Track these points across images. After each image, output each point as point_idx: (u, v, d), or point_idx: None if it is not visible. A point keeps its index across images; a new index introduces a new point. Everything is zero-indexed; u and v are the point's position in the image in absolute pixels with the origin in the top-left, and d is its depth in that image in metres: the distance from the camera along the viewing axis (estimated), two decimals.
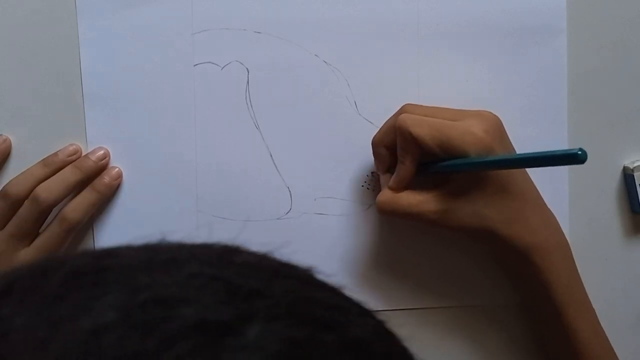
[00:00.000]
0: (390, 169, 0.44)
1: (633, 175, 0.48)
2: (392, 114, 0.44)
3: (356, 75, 0.46)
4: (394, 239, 0.48)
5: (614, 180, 0.49)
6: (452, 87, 0.47)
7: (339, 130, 0.47)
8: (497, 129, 0.42)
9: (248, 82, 0.46)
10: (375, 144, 0.44)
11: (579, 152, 0.34)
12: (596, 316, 0.44)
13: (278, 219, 0.47)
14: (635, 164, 0.48)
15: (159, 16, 0.45)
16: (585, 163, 0.48)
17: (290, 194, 0.47)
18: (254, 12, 0.46)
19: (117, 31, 0.45)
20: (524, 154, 0.38)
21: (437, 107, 0.44)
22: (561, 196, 0.47)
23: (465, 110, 0.43)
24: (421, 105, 0.44)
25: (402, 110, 0.43)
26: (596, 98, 0.48)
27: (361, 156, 0.47)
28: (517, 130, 0.45)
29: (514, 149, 0.43)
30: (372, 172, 0.47)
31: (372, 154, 0.45)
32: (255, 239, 0.49)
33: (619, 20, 0.48)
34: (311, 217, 0.47)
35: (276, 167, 0.47)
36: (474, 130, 0.40)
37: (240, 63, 0.46)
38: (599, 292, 0.44)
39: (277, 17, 0.46)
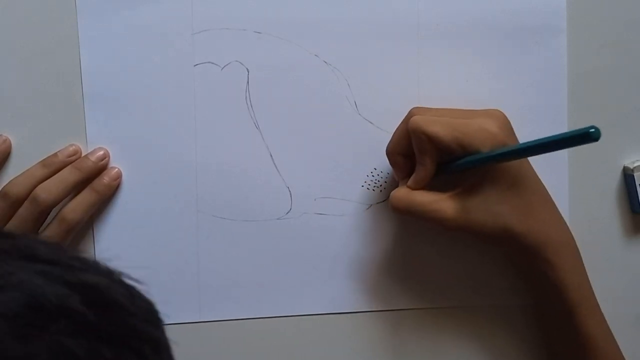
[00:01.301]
0: (409, 176, 0.44)
1: (633, 175, 0.48)
2: (400, 121, 0.44)
3: (356, 75, 0.46)
4: (394, 239, 0.48)
5: (614, 180, 0.49)
6: (452, 87, 0.47)
7: (339, 130, 0.47)
8: (508, 126, 0.43)
9: (248, 82, 0.46)
10: (390, 153, 0.44)
11: (592, 130, 0.34)
12: (603, 315, 0.44)
13: (278, 219, 0.47)
14: (635, 164, 0.48)
15: (159, 16, 0.45)
16: (585, 163, 0.48)
17: (290, 194, 0.47)
18: (254, 12, 0.46)
19: (117, 31, 0.45)
20: (539, 139, 0.38)
21: (445, 109, 0.44)
22: (561, 196, 0.47)
23: (473, 110, 0.44)
24: (429, 108, 0.44)
25: (411, 114, 0.43)
26: (596, 98, 0.48)
27: (361, 156, 0.47)
28: (517, 130, 0.45)
29: None
30: (374, 169, 0.47)
31: (372, 153, 0.45)
32: (255, 239, 0.49)
33: (619, 20, 0.48)
34: (311, 217, 0.47)
35: (276, 167, 0.47)
36: (488, 127, 0.41)
37: (240, 63, 0.46)
38: (599, 292, 0.44)
39: (277, 17, 0.46)
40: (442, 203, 0.42)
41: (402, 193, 0.43)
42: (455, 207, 0.42)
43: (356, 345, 0.48)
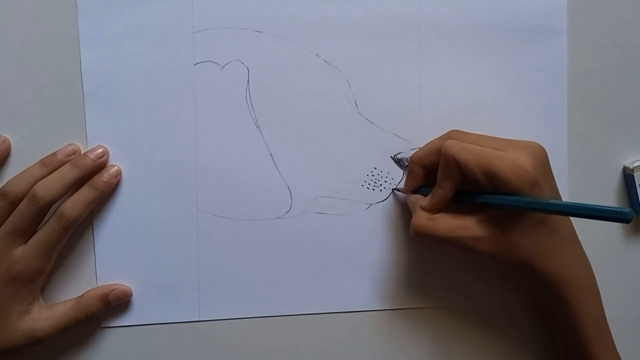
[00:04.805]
0: (419, 190, 0.45)
1: (633, 175, 0.48)
2: (438, 137, 0.44)
3: (356, 74, 0.46)
4: (394, 238, 0.48)
5: (614, 180, 0.49)
6: (452, 87, 0.47)
7: (339, 129, 0.47)
8: (543, 163, 0.41)
9: (248, 81, 0.46)
10: (414, 162, 0.44)
11: (627, 211, 0.35)
12: (618, 353, 0.44)
13: (278, 218, 0.47)
14: (635, 164, 0.48)
15: (159, 15, 0.46)
16: (585, 163, 0.48)
17: (290, 194, 0.47)
18: (254, 11, 0.46)
19: (117, 30, 0.46)
20: (571, 204, 0.38)
21: (483, 135, 0.43)
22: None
23: (511, 140, 0.42)
24: (468, 133, 0.44)
25: (449, 135, 0.43)
26: (596, 98, 0.48)
27: (361, 156, 0.47)
28: (517, 130, 0.45)
29: (555, 182, 0.42)
30: (374, 168, 0.47)
31: (372, 153, 0.45)
32: (256, 239, 0.49)
33: (619, 20, 0.48)
34: (311, 217, 0.47)
35: (276, 167, 0.47)
36: (522, 164, 0.40)
37: (241, 62, 0.46)
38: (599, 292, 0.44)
39: (277, 16, 0.46)
40: (464, 230, 0.41)
41: (423, 220, 0.43)
42: (478, 236, 0.41)
43: (356, 344, 0.48)
